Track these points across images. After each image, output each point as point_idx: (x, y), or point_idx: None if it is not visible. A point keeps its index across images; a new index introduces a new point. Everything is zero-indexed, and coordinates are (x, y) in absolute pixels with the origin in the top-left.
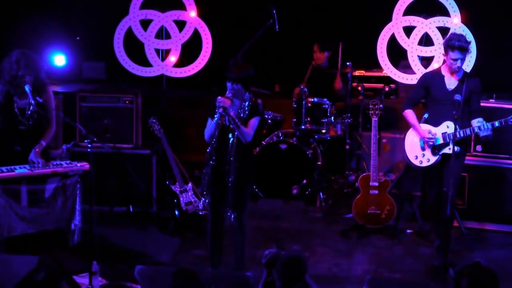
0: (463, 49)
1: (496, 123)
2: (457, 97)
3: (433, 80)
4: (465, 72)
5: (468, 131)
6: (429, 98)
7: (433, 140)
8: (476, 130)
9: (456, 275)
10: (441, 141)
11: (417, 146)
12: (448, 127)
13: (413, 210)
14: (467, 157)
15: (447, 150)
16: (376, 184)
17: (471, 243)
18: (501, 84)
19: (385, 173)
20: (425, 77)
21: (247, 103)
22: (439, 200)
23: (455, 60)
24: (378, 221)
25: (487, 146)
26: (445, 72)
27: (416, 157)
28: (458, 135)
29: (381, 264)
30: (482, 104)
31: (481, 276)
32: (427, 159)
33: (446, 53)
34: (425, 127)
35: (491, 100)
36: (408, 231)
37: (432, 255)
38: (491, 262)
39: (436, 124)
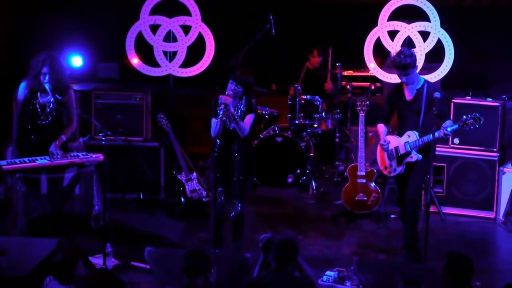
0: (400, 68)
1: (454, 127)
2: (436, 94)
3: (395, 93)
4: (425, 81)
5: (425, 138)
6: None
7: (385, 145)
8: (439, 135)
9: None
10: (403, 150)
11: (385, 157)
12: (409, 136)
13: (396, 197)
14: (445, 149)
15: (409, 158)
16: (363, 173)
17: (449, 227)
18: (476, 83)
19: (371, 163)
20: (389, 92)
21: (243, 102)
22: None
23: (398, 75)
24: (365, 207)
25: (463, 139)
26: (404, 84)
27: (386, 168)
28: (419, 143)
29: (368, 246)
30: (460, 101)
31: (458, 257)
32: (394, 169)
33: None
34: (390, 137)
35: (467, 97)
36: (392, 216)
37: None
38: (467, 242)
39: (401, 135)
